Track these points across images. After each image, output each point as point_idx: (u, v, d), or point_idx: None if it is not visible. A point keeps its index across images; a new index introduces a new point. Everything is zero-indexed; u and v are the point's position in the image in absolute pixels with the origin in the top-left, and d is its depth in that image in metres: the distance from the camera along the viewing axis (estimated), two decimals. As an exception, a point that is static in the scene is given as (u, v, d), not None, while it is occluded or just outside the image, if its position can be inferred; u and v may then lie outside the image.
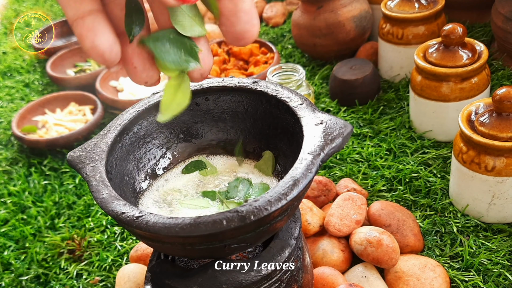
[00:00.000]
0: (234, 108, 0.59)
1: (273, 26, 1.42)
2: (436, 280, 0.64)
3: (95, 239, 0.84)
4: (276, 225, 0.46)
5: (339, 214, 0.71)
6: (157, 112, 0.58)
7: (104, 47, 0.33)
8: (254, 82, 0.57)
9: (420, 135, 0.90)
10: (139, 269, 0.71)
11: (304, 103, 0.52)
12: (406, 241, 0.69)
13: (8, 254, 0.85)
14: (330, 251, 0.69)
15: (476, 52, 0.81)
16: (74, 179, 0.99)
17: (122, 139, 0.55)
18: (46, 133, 1.12)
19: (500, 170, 0.67)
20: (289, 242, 0.54)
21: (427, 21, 0.96)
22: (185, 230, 0.41)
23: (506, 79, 0.96)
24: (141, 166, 0.57)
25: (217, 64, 1.22)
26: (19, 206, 0.95)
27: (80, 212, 0.90)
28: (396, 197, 0.79)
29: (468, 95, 0.82)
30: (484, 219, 0.73)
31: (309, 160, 0.45)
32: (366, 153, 0.88)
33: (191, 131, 0.60)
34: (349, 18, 1.10)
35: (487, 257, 0.68)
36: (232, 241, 0.44)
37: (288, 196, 0.42)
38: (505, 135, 0.66)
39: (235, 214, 0.42)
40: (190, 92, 0.38)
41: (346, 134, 0.47)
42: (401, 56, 1.00)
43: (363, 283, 0.65)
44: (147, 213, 0.44)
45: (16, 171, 1.05)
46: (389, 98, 1.00)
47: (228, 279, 0.49)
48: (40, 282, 0.79)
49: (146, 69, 0.36)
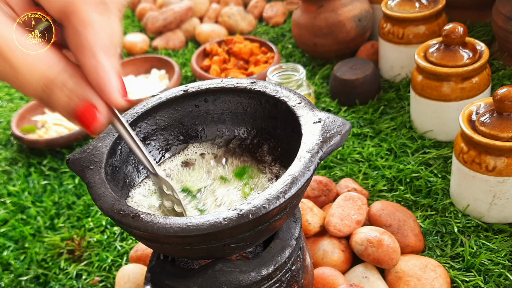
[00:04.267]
0: (234, 108, 0.59)
1: (273, 25, 1.42)
2: (437, 281, 0.64)
3: (94, 239, 0.83)
4: (275, 224, 0.46)
5: (340, 214, 0.70)
6: (156, 114, 0.58)
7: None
8: (252, 83, 0.57)
9: (420, 135, 0.90)
10: (139, 269, 0.71)
11: (302, 102, 0.52)
12: (407, 241, 0.69)
13: (7, 254, 0.85)
14: (330, 251, 0.68)
15: (477, 51, 0.81)
16: (73, 179, 0.99)
17: (121, 141, 0.54)
18: (46, 133, 1.12)
19: (501, 170, 0.67)
20: (290, 242, 0.54)
21: (428, 20, 0.96)
22: (184, 229, 0.41)
23: (507, 78, 0.95)
24: (141, 168, 0.57)
25: (217, 64, 1.22)
26: (19, 206, 0.95)
27: (80, 212, 0.90)
28: (397, 197, 0.79)
29: (469, 95, 0.81)
30: (485, 219, 0.73)
31: (307, 158, 0.45)
32: (366, 153, 0.88)
33: (190, 133, 0.60)
34: (349, 18, 1.10)
35: (488, 257, 0.67)
36: (231, 240, 0.44)
37: (287, 194, 0.42)
38: (506, 135, 0.66)
39: (234, 212, 0.41)
40: None
41: (344, 132, 0.47)
42: (401, 56, 1.00)
43: (364, 284, 0.65)
44: (145, 213, 0.44)
45: (15, 171, 1.05)
46: (389, 98, 1.00)
47: (228, 280, 0.49)
48: (39, 283, 0.79)
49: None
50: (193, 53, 1.34)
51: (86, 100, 0.38)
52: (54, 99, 0.38)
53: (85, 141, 1.09)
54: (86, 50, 0.37)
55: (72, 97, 0.38)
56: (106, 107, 0.40)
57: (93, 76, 0.38)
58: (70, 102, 0.38)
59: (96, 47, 0.37)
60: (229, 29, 1.43)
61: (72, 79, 0.38)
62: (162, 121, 0.58)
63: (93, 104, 0.39)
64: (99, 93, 0.39)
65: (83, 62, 0.37)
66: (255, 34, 1.40)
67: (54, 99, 0.38)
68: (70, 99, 0.38)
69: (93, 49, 0.37)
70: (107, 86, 0.38)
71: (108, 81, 0.38)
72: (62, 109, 0.39)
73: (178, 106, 0.59)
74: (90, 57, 0.37)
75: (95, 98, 0.39)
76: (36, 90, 0.38)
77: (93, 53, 0.37)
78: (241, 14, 1.44)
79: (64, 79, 0.38)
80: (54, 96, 0.38)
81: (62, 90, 0.38)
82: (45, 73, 0.37)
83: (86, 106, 0.39)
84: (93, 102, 0.39)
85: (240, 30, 1.41)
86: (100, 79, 0.38)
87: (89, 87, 0.38)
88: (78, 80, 0.38)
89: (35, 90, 0.38)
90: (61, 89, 0.38)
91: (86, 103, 0.38)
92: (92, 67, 0.37)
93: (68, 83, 0.38)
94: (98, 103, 0.39)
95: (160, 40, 1.43)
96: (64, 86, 0.38)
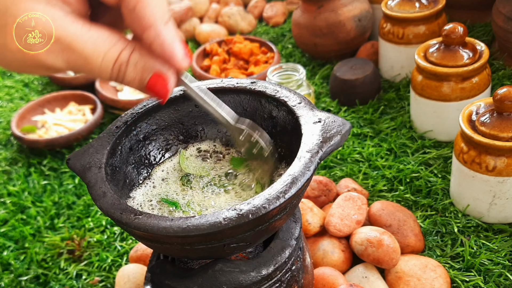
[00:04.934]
0: (234, 108, 0.59)
1: (273, 25, 1.42)
2: (437, 281, 0.64)
3: (94, 239, 0.83)
4: (275, 223, 0.46)
5: (340, 214, 0.70)
6: (156, 114, 0.58)
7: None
8: (252, 83, 0.57)
9: (420, 135, 0.90)
10: (139, 269, 0.71)
11: (302, 102, 0.52)
12: (407, 241, 0.69)
13: (7, 254, 0.85)
14: (330, 251, 0.68)
15: (477, 51, 0.81)
16: (73, 179, 0.99)
17: (121, 141, 0.54)
18: (46, 133, 1.11)
19: (501, 170, 0.67)
20: (290, 242, 0.54)
21: (428, 20, 0.96)
22: (184, 229, 0.41)
23: (507, 78, 0.95)
24: (140, 168, 0.57)
25: (217, 64, 1.22)
26: (19, 206, 0.95)
27: (80, 212, 0.90)
28: (397, 197, 0.79)
29: (469, 95, 0.81)
30: (485, 219, 0.73)
31: (307, 158, 0.45)
32: (366, 153, 0.88)
33: (191, 133, 0.60)
34: (349, 18, 1.10)
35: (488, 257, 0.67)
36: (231, 240, 0.44)
37: (287, 194, 0.42)
38: (506, 135, 0.66)
39: (234, 212, 0.41)
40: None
41: (344, 132, 0.47)
42: (401, 56, 1.00)
43: (364, 284, 0.65)
44: (145, 213, 0.44)
45: (15, 171, 1.05)
46: (389, 98, 1.00)
47: (228, 280, 0.49)
48: (39, 283, 0.79)
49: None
50: (193, 53, 1.34)
51: (157, 72, 0.42)
52: (129, 78, 0.42)
53: (85, 141, 1.09)
54: (147, 25, 0.40)
55: (144, 72, 0.42)
56: (174, 73, 0.43)
57: (159, 48, 0.41)
58: (143, 77, 0.42)
59: (155, 20, 0.40)
60: (229, 29, 1.43)
61: (141, 56, 0.41)
62: (162, 121, 0.58)
63: (163, 74, 0.42)
64: (167, 62, 0.42)
65: (146, 37, 0.40)
66: (255, 34, 1.40)
67: (129, 78, 0.42)
68: (143, 74, 0.42)
69: (154, 23, 0.40)
70: (173, 54, 0.41)
71: (173, 50, 0.41)
72: (137, 84, 0.43)
73: (178, 106, 0.59)
74: (152, 31, 0.40)
75: (164, 68, 0.42)
76: (112, 73, 0.41)
77: (154, 26, 0.40)
78: (241, 14, 1.44)
79: (134, 58, 0.41)
80: (128, 75, 0.42)
81: (135, 68, 0.41)
82: (116, 56, 0.40)
83: (157, 77, 0.42)
84: (163, 72, 0.42)
85: (240, 30, 1.41)
86: (166, 49, 0.41)
87: (156, 59, 0.42)
88: (145, 56, 0.41)
89: (111, 73, 0.41)
90: (134, 68, 0.41)
91: (157, 75, 0.42)
92: (156, 40, 0.40)
93: (139, 61, 0.41)
94: (167, 72, 0.43)
95: (160, 40, 1.42)
96: (136, 64, 0.41)
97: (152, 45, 0.41)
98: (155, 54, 0.42)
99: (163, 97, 0.44)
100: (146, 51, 0.41)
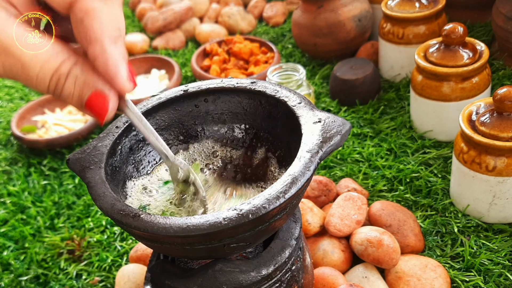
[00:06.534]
0: (234, 108, 0.59)
1: (273, 25, 1.42)
2: (437, 281, 0.64)
3: (94, 239, 0.83)
4: (275, 223, 0.46)
5: (340, 214, 0.70)
6: (156, 114, 0.58)
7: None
8: (252, 83, 0.57)
9: (420, 135, 0.90)
10: (139, 269, 0.71)
11: (302, 102, 0.52)
12: (407, 241, 0.69)
13: (7, 254, 0.85)
14: (330, 251, 0.68)
15: (477, 51, 0.81)
16: (73, 179, 0.99)
17: (121, 141, 0.54)
18: (46, 133, 1.11)
19: (501, 170, 0.67)
20: (290, 242, 0.54)
21: (428, 20, 0.96)
22: (184, 229, 0.41)
23: (507, 78, 0.95)
24: (141, 168, 0.57)
25: (217, 64, 1.22)
26: (19, 206, 0.95)
27: (80, 212, 0.90)
28: (397, 197, 0.79)
29: (469, 95, 0.81)
30: (485, 219, 0.73)
31: (307, 158, 0.45)
32: (366, 153, 0.88)
33: (190, 133, 0.60)
34: (349, 18, 1.10)
35: (488, 257, 0.67)
36: (231, 240, 0.44)
37: (287, 194, 0.42)
38: (506, 135, 0.66)
39: (234, 212, 0.41)
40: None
41: (344, 132, 0.47)
42: (401, 56, 1.00)
43: (364, 284, 0.65)
44: (145, 213, 0.44)
45: (15, 171, 1.05)
46: (389, 98, 1.00)
47: (228, 280, 0.49)
48: (39, 283, 0.79)
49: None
50: (193, 53, 1.34)
51: (97, 91, 0.39)
52: (67, 92, 0.39)
53: (85, 141, 1.09)
54: (93, 39, 0.37)
55: (84, 88, 0.39)
56: (116, 95, 0.41)
57: (102, 66, 0.38)
58: (82, 94, 0.39)
59: (102, 36, 0.37)
60: (229, 29, 1.43)
61: (82, 71, 0.39)
62: (162, 121, 0.58)
63: (104, 94, 0.40)
64: (109, 82, 0.39)
65: (91, 52, 0.38)
66: (255, 34, 1.40)
67: (67, 92, 0.39)
68: (82, 91, 0.39)
69: (100, 38, 0.37)
70: (117, 75, 0.39)
71: (117, 70, 0.38)
72: (75, 101, 0.40)
73: (178, 106, 0.59)
74: (98, 47, 0.37)
75: (106, 88, 0.40)
76: (49, 85, 0.38)
77: (100, 42, 0.37)
78: (241, 14, 1.44)
79: (75, 72, 0.38)
80: (66, 89, 0.39)
81: (74, 83, 0.39)
82: (55, 67, 0.38)
83: (97, 96, 0.39)
84: (104, 91, 0.39)
85: (240, 30, 1.41)
86: (109, 68, 0.38)
87: (98, 77, 0.39)
88: (88, 71, 0.39)
89: (49, 85, 0.38)
90: (74, 82, 0.39)
91: (97, 93, 0.39)
92: (100, 57, 0.38)
93: (79, 76, 0.38)
94: (109, 92, 0.40)
95: (160, 40, 1.43)
96: (76, 79, 0.38)
97: (96, 62, 0.38)
98: (98, 72, 0.39)
99: (101, 118, 0.40)
100: (90, 66, 0.39)
